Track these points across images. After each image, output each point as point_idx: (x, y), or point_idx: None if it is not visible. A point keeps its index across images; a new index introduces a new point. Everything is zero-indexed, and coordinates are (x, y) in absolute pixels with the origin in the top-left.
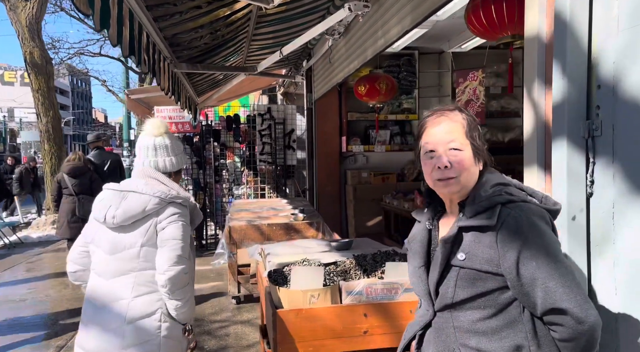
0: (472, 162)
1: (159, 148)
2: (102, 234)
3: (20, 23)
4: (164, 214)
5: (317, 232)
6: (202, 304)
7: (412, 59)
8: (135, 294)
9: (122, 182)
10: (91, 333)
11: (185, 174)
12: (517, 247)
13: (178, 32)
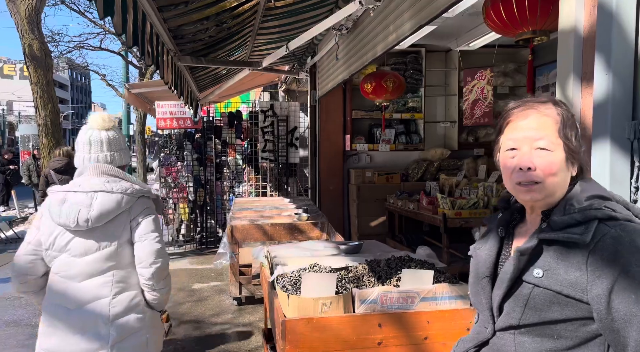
0: (563, 166)
1: (113, 142)
2: (67, 238)
3: (19, 14)
4: (136, 210)
5: (321, 233)
6: (202, 304)
7: (419, 56)
8: (115, 291)
9: (77, 182)
10: (68, 337)
11: (186, 170)
12: (614, 273)
13: (183, 24)
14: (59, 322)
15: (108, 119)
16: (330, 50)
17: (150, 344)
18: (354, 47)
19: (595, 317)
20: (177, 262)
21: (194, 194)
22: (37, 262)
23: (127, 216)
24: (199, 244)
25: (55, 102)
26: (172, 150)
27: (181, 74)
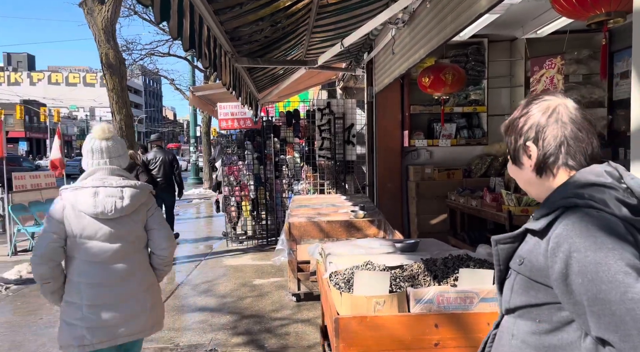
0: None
1: (112, 149)
2: (96, 227)
3: (96, 26)
4: (150, 202)
5: (378, 231)
6: (262, 300)
7: (480, 47)
8: (142, 268)
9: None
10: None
11: (247, 169)
12: (564, 258)
13: (238, 26)
14: (102, 297)
15: (108, 129)
16: (387, 44)
17: (163, 307)
18: (411, 40)
19: (561, 301)
20: (239, 258)
21: (255, 192)
22: (60, 249)
23: (145, 207)
24: (260, 241)
25: (129, 107)
26: (233, 150)
27: (239, 76)
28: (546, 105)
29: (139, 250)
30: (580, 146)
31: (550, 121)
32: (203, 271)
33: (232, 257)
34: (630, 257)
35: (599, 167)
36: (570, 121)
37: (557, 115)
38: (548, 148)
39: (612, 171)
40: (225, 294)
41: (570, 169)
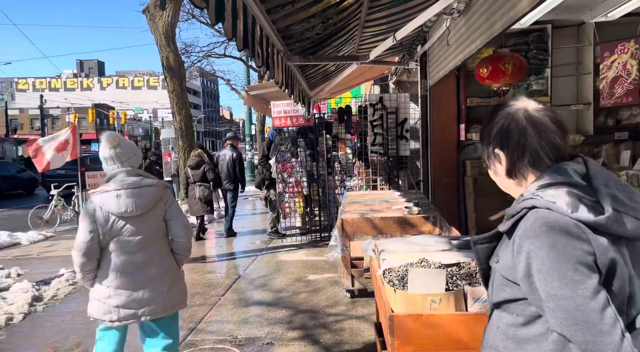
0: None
1: (127, 153)
2: (121, 224)
3: (158, 31)
4: (166, 196)
5: (433, 227)
6: (317, 295)
7: (543, 34)
8: (161, 256)
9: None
10: (135, 292)
11: (300, 166)
12: (525, 258)
13: (290, 24)
14: (125, 283)
15: (113, 138)
16: (442, 36)
17: (184, 290)
18: (467, 30)
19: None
20: (293, 254)
21: (308, 189)
22: (95, 245)
23: (162, 202)
24: (313, 237)
25: (188, 107)
26: (287, 147)
27: (291, 74)
28: (507, 112)
29: (158, 239)
30: (543, 147)
31: (512, 127)
32: (259, 265)
33: (287, 252)
34: (580, 255)
35: (565, 165)
36: (530, 125)
37: (517, 120)
38: (513, 153)
39: (580, 168)
40: (281, 288)
41: (536, 170)
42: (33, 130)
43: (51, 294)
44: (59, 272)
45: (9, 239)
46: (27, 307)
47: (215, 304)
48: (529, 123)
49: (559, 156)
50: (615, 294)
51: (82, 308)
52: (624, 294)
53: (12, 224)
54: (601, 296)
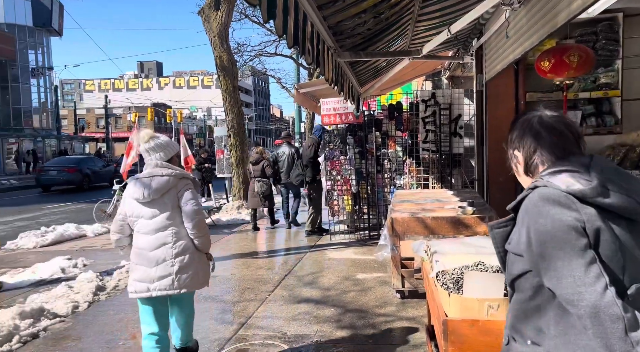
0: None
1: (154, 148)
2: (139, 208)
3: (212, 31)
4: (179, 186)
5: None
6: (366, 295)
7: (613, 23)
8: (174, 240)
9: (144, 172)
10: (149, 268)
11: (349, 164)
12: (525, 228)
13: (341, 20)
14: (142, 260)
15: (146, 135)
16: (500, 28)
17: (200, 275)
18: (528, 21)
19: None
20: (341, 252)
21: (357, 187)
22: (125, 225)
23: (174, 190)
24: (362, 235)
25: (240, 106)
26: (336, 144)
27: (341, 70)
28: (524, 119)
29: (173, 224)
30: (553, 147)
31: (526, 131)
32: (307, 263)
33: (335, 250)
34: (570, 221)
35: (570, 158)
36: (543, 128)
37: (531, 125)
38: (527, 153)
39: (585, 160)
40: (329, 286)
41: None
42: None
43: (113, 284)
44: (120, 264)
45: (77, 231)
46: (91, 296)
47: (265, 300)
48: (542, 127)
49: (569, 153)
50: (603, 259)
51: None
52: (614, 262)
53: (79, 217)
54: (588, 255)
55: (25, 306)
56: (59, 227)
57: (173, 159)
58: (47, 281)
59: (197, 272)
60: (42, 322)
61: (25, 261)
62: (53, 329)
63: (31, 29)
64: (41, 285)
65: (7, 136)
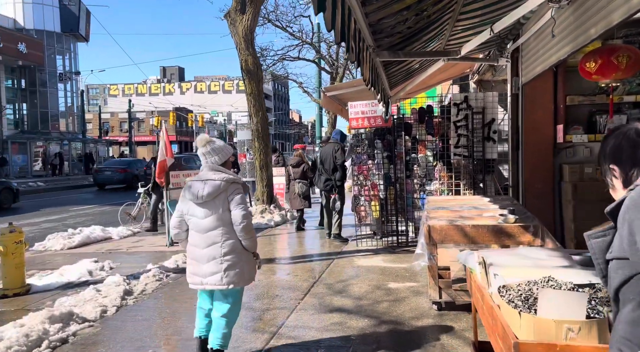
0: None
1: (210, 152)
2: (195, 208)
3: (237, 34)
4: (230, 189)
5: (533, 239)
6: (400, 305)
7: None
8: (224, 239)
9: (200, 174)
10: (201, 264)
11: (377, 168)
12: (627, 226)
13: (383, 17)
14: (195, 256)
15: (204, 139)
16: (541, 28)
17: (246, 272)
18: (576, 19)
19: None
20: (370, 259)
21: (385, 192)
22: (182, 222)
23: (225, 194)
24: (390, 242)
25: (264, 110)
26: (363, 148)
27: (377, 71)
28: (619, 132)
29: (223, 225)
30: None
31: (623, 143)
32: (335, 270)
33: (364, 257)
34: None
35: None
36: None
37: (628, 137)
38: (626, 165)
39: None
40: (361, 296)
41: None
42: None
43: (140, 288)
44: (147, 268)
45: (103, 234)
46: (119, 300)
47: (295, 308)
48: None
49: None
50: None
51: (168, 305)
52: None
53: (104, 219)
54: None
55: (54, 309)
56: (85, 229)
57: (227, 163)
58: (75, 283)
59: (244, 269)
60: (72, 327)
61: (52, 263)
62: (82, 334)
63: (59, 35)
64: (69, 288)
65: (35, 139)
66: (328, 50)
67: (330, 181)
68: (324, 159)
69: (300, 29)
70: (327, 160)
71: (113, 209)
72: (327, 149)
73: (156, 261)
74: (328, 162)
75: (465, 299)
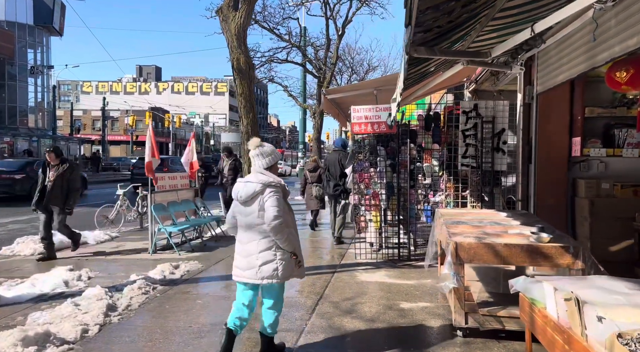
0: None
1: (258, 156)
2: (239, 206)
3: (229, 32)
4: (266, 192)
5: (573, 261)
6: (419, 330)
7: None
8: (260, 237)
9: (247, 176)
10: (241, 258)
11: (379, 177)
12: None
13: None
14: (238, 250)
15: (254, 143)
16: (567, 35)
17: (280, 270)
18: (618, 24)
19: None
20: (372, 274)
21: (387, 202)
22: (234, 218)
23: (261, 195)
24: (390, 255)
25: (255, 111)
26: (365, 156)
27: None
28: None
29: (260, 224)
30: None
31: None
32: (338, 285)
33: (365, 272)
34: None
35: None
36: None
37: None
38: None
39: None
40: (373, 317)
41: None
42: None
43: (125, 303)
44: (130, 278)
45: None
46: (102, 317)
47: (302, 331)
48: None
49: None
50: None
51: (158, 323)
52: None
53: (79, 223)
54: None
55: (27, 329)
56: (58, 232)
57: (274, 167)
58: (49, 295)
59: (277, 266)
60: (48, 351)
61: (22, 270)
62: None
63: (31, 28)
64: (42, 300)
65: (2, 134)
66: (316, 54)
67: (339, 186)
68: (330, 166)
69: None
70: (334, 167)
71: (88, 210)
72: (332, 157)
73: (139, 270)
74: (334, 168)
75: (495, 325)
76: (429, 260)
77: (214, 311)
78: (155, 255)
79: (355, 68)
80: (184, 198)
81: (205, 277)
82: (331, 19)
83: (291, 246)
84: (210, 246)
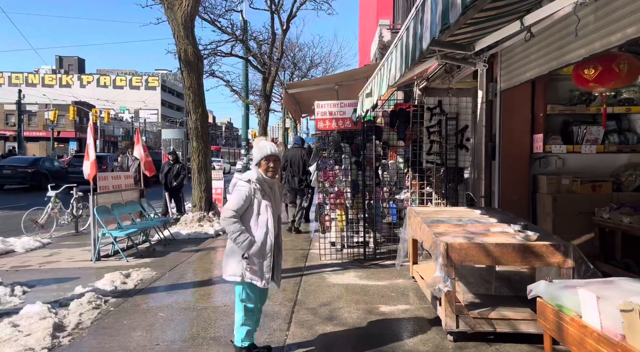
0: None
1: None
2: None
3: (176, 21)
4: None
5: (564, 259)
6: (407, 336)
7: None
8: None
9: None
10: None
11: (344, 175)
12: None
13: None
14: None
15: (256, 139)
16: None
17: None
18: (597, 20)
19: None
20: (342, 276)
21: (351, 200)
22: None
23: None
24: (355, 255)
25: (205, 106)
26: (330, 153)
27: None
28: None
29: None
30: None
31: None
32: (310, 290)
33: (334, 273)
34: None
35: None
36: None
37: None
38: None
39: None
40: (355, 324)
41: None
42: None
43: (74, 321)
44: (76, 291)
45: (2, 246)
46: (49, 339)
47: (284, 343)
48: None
49: None
50: None
51: (118, 343)
52: None
53: (4, 228)
54: None
55: None
56: None
57: (261, 163)
58: None
59: (228, 262)
60: None
61: None
62: None
63: None
64: None
65: None
66: (259, 48)
67: (304, 181)
68: (293, 162)
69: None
70: (296, 163)
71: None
72: (294, 153)
73: (83, 280)
74: (296, 164)
75: (486, 328)
76: (401, 259)
77: (180, 324)
78: (99, 263)
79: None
80: (129, 199)
81: (163, 286)
82: (275, 13)
83: (240, 246)
84: (159, 251)
